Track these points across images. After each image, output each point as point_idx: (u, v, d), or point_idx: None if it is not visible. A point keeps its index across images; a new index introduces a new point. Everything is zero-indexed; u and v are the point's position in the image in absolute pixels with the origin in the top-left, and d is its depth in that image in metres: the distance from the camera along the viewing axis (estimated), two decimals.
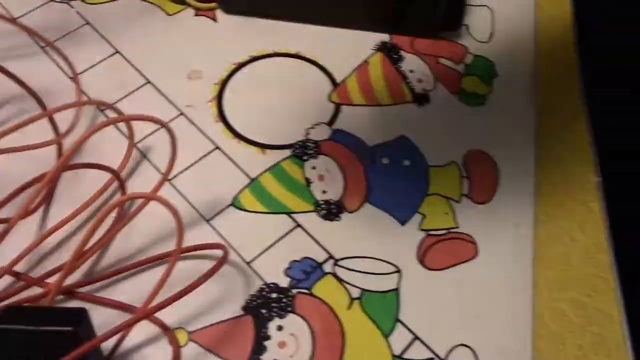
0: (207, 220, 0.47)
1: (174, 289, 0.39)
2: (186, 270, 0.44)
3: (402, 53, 0.58)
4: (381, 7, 0.57)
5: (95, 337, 0.37)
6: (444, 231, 0.47)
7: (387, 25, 0.58)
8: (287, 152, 0.51)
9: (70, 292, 0.43)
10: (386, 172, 0.50)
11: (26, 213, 0.45)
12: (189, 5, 0.60)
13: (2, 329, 0.36)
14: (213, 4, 0.60)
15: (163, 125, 0.44)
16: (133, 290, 0.44)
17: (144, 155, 0.50)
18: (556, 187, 0.49)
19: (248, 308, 0.44)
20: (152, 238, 0.46)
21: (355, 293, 0.44)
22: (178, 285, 0.39)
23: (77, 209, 0.45)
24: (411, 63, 0.57)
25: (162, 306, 0.38)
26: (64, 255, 0.45)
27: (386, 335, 0.43)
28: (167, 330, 0.42)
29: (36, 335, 0.36)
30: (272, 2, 0.59)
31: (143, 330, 0.42)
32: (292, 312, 0.43)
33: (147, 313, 0.39)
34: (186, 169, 0.50)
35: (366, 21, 0.58)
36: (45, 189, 0.44)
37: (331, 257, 0.46)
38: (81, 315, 0.37)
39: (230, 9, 0.60)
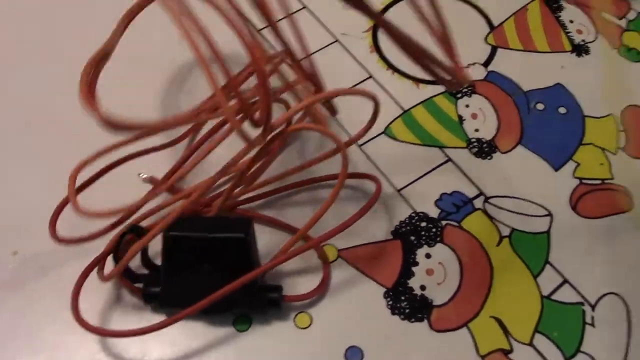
0: (359, 146, 0.48)
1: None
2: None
3: (562, 3, 0.57)
4: None
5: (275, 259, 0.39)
6: (598, 181, 0.46)
7: None
8: (440, 88, 0.51)
9: (232, 209, 0.44)
10: (541, 117, 0.49)
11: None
12: None
13: (176, 235, 0.37)
14: None
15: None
16: (287, 209, 0.45)
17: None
18: None
19: (397, 233, 0.44)
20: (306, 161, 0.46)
21: (505, 231, 0.44)
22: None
23: None
24: (571, 13, 0.56)
25: (329, 236, 0.40)
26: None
27: (535, 275, 0.42)
28: (317, 245, 0.43)
29: (206, 241, 0.37)
30: None
31: None
32: (441, 242, 0.43)
33: (317, 242, 0.40)
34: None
35: None
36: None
37: (482, 193, 0.46)
38: (248, 224, 0.38)
39: None
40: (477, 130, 0.48)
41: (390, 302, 0.41)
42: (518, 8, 0.56)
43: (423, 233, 0.44)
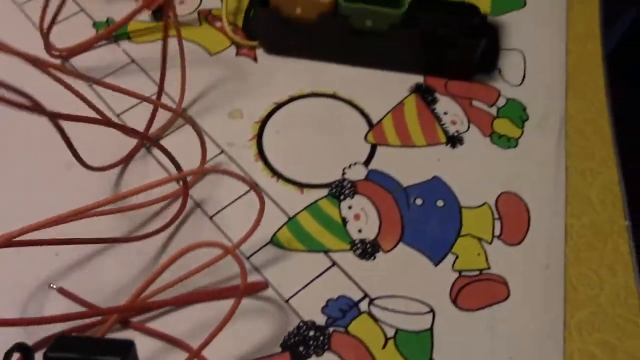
0: (247, 258, 0.49)
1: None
2: (223, 306, 0.45)
3: (437, 95, 0.59)
4: (419, 52, 0.59)
5: None
6: (476, 272, 0.49)
7: (423, 68, 0.60)
8: (324, 192, 0.53)
9: (125, 322, 0.45)
10: (420, 212, 0.52)
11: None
12: (232, 40, 0.62)
13: (55, 356, 0.38)
14: (255, 42, 0.62)
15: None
16: (178, 322, 0.46)
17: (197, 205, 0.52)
18: (586, 229, 0.51)
19: (286, 345, 0.45)
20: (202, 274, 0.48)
21: (390, 332, 0.46)
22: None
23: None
24: (445, 105, 0.59)
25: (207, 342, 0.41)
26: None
27: None
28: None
29: None
30: (310, 44, 0.61)
31: None
32: (329, 350, 0.45)
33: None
34: (226, 206, 0.52)
35: (403, 64, 0.60)
36: None
37: (367, 295, 0.47)
38: (129, 347, 0.39)
39: (270, 49, 0.62)
40: (360, 230, 0.50)
41: None
42: (395, 104, 0.59)
43: (311, 342, 0.45)
